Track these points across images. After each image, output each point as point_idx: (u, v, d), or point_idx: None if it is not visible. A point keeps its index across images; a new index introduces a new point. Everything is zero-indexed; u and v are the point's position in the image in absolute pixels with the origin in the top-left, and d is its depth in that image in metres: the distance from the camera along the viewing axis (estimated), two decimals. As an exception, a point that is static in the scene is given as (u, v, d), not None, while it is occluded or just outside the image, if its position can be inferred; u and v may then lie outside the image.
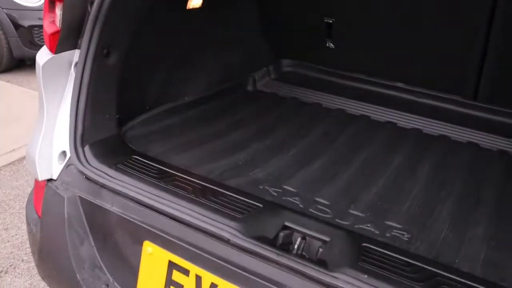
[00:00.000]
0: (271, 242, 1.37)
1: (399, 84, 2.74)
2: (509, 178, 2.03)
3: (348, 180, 1.95)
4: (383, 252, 1.36)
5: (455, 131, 2.42)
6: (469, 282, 1.27)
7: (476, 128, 2.43)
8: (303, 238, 1.39)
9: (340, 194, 1.84)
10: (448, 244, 1.59)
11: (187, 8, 2.49)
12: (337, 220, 1.67)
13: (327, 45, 2.84)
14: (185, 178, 1.66)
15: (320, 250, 1.36)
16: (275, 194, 1.79)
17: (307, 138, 2.27)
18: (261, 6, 2.93)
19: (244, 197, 1.55)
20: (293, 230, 1.42)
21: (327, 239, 1.38)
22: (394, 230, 1.65)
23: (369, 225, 1.66)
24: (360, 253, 1.33)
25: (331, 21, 2.72)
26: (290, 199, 1.76)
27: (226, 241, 1.36)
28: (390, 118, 2.52)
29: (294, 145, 2.19)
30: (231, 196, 1.56)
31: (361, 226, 1.65)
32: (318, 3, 2.73)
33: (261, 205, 1.52)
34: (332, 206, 1.76)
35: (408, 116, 2.54)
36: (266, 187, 1.82)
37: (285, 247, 1.38)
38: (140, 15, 1.93)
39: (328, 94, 2.74)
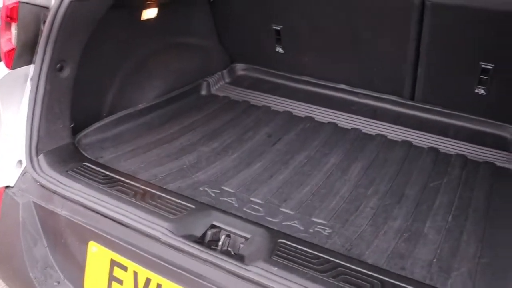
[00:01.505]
0: (199, 240, 1.56)
1: (343, 86, 2.93)
2: (432, 173, 2.25)
3: (284, 180, 2.14)
4: (296, 247, 1.55)
5: (392, 130, 2.63)
6: (367, 271, 1.47)
7: (411, 127, 2.64)
8: (228, 235, 1.59)
9: (274, 193, 2.04)
10: (363, 238, 1.80)
11: (141, 19, 2.66)
12: (267, 218, 1.86)
13: (276, 50, 3.02)
14: (129, 183, 1.84)
15: (241, 246, 1.56)
16: (214, 195, 1.98)
17: (250, 141, 2.46)
18: (215, 13, 3.09)
19: (179, 199, 1.74)
20: (220, 228, 1.61)
21: (248, 236, 1.58)
22: (318, 226, 1.85)
23: (296, 222, 1.87)
24: (275, 248, 1.53)
25: (279, 28, 2.90)
26: (227, 200, 1.96)
27: (158, 240, 1.55)
28: (333, 119, 2.71)
29: (238, 147, 2.38)
30: (167, 198, 1.74)
31: (288, 223, 1.85)
32: (267, 11, 2.90)
33: (193, 206, 1.70)
34: (265, 205, 1.96)
35: (349, 116, 2.73)
36: (206, 189, 2.01)
37: (212, 244, 1.58)
38: (90, 31, 2.09)
39: (277, 96, 2.92)
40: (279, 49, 3.02)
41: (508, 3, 2.22)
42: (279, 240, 1.57)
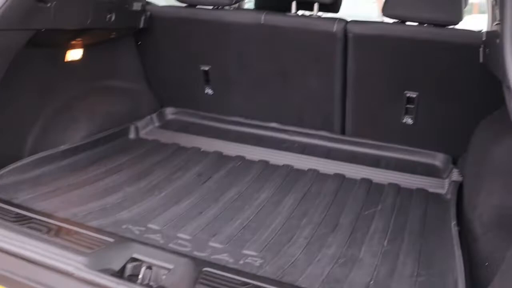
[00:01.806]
0: (117, 274, 1.44)
1: (273, 124, 2.96)
2: (366, 202, 2.26)
3: (213, 215, 2.08)
4: (223, 274, 1.48)
5: (324, 164, 2.65)
6: None
7: (343, 160, 2.68)
8: (149, 267, 1.48)
9: (202, 228, 1.96)
10: (296, 266, 1.75)
11: (65, 60, 2.59)
12: (194, 252, 1.77)
13: (206, 91, 3.03)
14: (43, 220, 1.71)
15: (163, 277, 1.45)
16: (138, 232, 1.87)
17: (180, 180, 2.39)
18: (143, 56, 3.08)
19: (97, 234, 1.62)
20: (141, 261, 1.51)
21: (171, 266, 1.48)
22: (249, 258, 1.78)
23: (225, 255, 1.79)
24: (199, 277, 1.44)
25: (207, 68, 2.92)
26: (152, 236, 1.85)
27: (71, 276, 1.42)
28: (264, 156, 2.71)
29: (166, 187, 2.30)
30: (85, 234, 1.62)
31: (217, 256, 1.77)
32: (195, 52, 2.93)
33: (111, 240, 1.59)
34: (193, 240, 1.87)
35: (281, 153, 2.75)
36: (130, 227, 1.90)
37: (133, 278, 1.47)
38: (7, 63, 2.00)
39: (207, 138, 2.89)
40: (209, 91, 3.03)
41: (426, 31, 2.37)
42: (204, 269, 1.49)
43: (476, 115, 2.43)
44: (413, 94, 2.54)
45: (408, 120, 2.62)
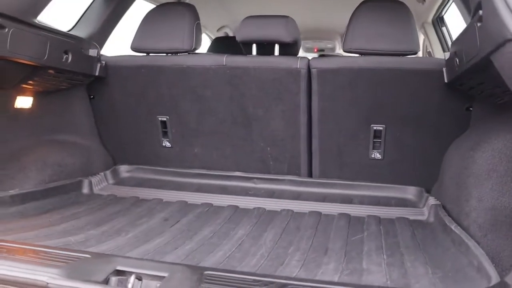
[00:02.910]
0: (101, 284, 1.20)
1: (237, 173, 2.84)
2: (350, 231, 2.14)
3: (191, 249, 1.86)
4: (227, 275, 1.28)
5: (297, 205, 2.52)
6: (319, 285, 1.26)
7: (315, 200, 2.58)
8: (138, 278, 1.26)
9: (182, 260, 1.74)
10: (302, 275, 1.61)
11: (14, 106, 2.41)
12: None
13: (163, 144, 2.89)
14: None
15: (158, 285, 1.23)
16: None
17: (145, 224, 2.16)
18: (96, 111, 2.93)
19: (68, 251, 1.38)
20: (127, 273, 1.28)
21: (165, 274, 1.27)
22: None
23: None
24: (202, 278, 1.24)
25: (165, 119, 2.82)
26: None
27: (45, 286, 1.17)
28: (232, 202, 2.54)
29: (132, 230, 2.06)
30: (53, 252, 1.38)
31: None
32: (152, 103, 2.82)
33: (88, 256, 1.36)
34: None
35: (249, 199, 2.61)
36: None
37: (119, 291, 1.23)
38: None
39: (168, 190, 2.71)
40: (166, 143, 2.90)
41: (387, 61, 2.45)
42: (206, 272, 1.28)
43: (443, 142, 2.48)
44: (379, 127, 2.56)
45: (377, 155, 2.62)
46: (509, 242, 1.71)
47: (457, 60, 2.05)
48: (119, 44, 3.55)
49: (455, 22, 3.88)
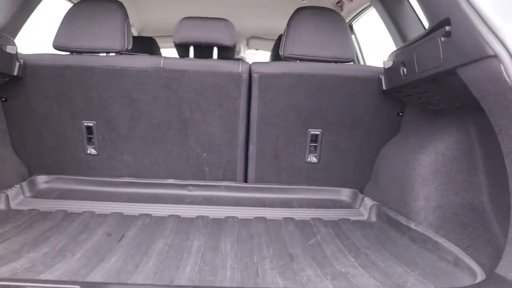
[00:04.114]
0: None
1: (171, 181, 2.71)
2: (303, 235, 2.14)
3: (155, 266, 1.73)
4: None
5: (239, 211, 2.47)
6: None
7: (255, 205, 2.56)
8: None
9: (152, 278, 1.62)
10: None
11: None
12: None
13: (88, 151, 2.66)
14: None
15: None
16: None
17: (89, 241, 1.95)
18: (8, 115, 2.59)
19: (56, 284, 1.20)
20: None
21: None
22: None
23: None
24: None
25: (91, 124, 2.59)
26: None
27: None
28: (172, 212, 2.41)
29: (77, 249, 1.85)
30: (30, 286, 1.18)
31: None
32: (76, 105, 2.57)
33: (78, 286, 1.18)
34: None
35: (189, 207, 2.51)
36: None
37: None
38: None
39: (98, 201, 2.49)
40: (91, 150, 2.67)
41: (327, 67, 2.51)
42: None
43: (375, 145, 2.61)
44: (317, 131, 2.61)
45: (313, 158, 2.67)
46: (460, 237, 1.86)
47: (404, 70, 2.17)
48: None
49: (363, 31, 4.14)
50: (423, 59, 1.93)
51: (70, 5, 2.74)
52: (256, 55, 5.76)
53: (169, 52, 5.14)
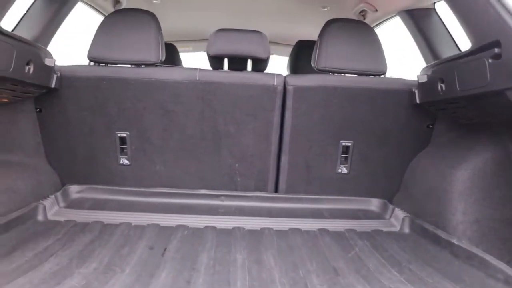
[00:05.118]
0: None
1: (203, 191, 2.73)
2: (340, 248, 2.16)
3: (205, 282, 1.75)
4: None
5: (273, 222, 2.49)
6: None
7: (287, 216, 2.57)
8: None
9: None
10: None
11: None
12: None
13: (121, 162, 2.68)
14: None
15: None
16: None
17: (134, 255, 1.98)
18: (43, 126, 2.61)
19: None
20: None
21: None
22: None
23: None
24: None
25: (124, 135, 2.60)
26: None
27: None
28: (207, 223, 2.43)
29: (124, 264, 1.87)
30: None
31: None
32: (110, 117, 2.59)
33: None
34: None
35: (223, 218, 2.52)
36: None
37: None
38: None
39: (133, 212, 2.51)
40: (124, 161, 2.68)
41: (359, 80, 2.54)
42: None
43: (405, 156, 2.64)
44: (348, 143, 2.64)
45: (343, 169, 2.69)
46: (500, 252, 1.88)
47: (443, 86, 2.19)
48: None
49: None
50: (466, 77, 1.95)
51: (96, 15, 2.76)
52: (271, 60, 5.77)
53: (185, 56, 5.15)
